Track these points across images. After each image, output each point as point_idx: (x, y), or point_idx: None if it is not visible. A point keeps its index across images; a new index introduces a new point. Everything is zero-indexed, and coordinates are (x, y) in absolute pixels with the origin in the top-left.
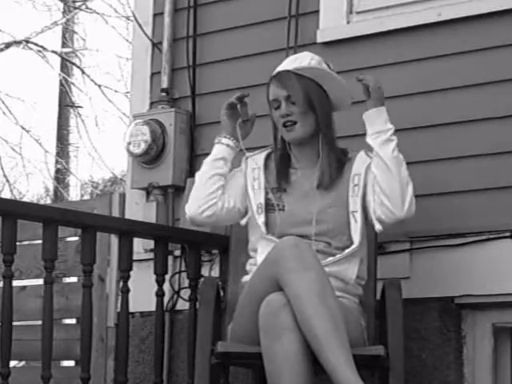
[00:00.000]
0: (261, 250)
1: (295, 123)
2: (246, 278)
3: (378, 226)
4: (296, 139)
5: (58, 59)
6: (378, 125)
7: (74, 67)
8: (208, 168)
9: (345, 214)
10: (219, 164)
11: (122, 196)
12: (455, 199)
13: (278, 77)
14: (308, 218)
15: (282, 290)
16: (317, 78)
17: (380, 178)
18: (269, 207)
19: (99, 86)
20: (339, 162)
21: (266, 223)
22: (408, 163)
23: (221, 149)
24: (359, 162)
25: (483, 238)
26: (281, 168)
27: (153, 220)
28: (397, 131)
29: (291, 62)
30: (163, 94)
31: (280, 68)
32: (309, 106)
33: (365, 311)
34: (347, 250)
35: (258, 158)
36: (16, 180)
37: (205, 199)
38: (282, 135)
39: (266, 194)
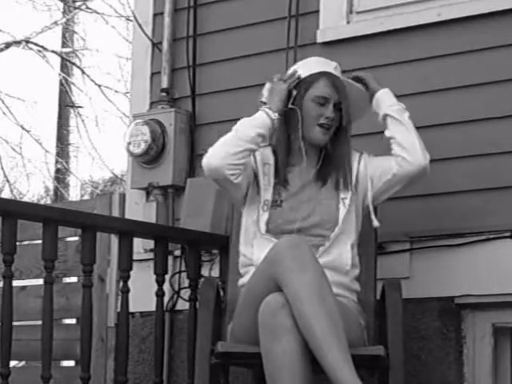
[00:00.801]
0: (256, 245)
1: (330, 128)
2: (243, 281)
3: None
4: (324, 143)
5: (58, 59)
6: (391, 100)
7: (74, 67)
8: (249, 138)
9: (336, 204)
10: (259, 140)
11: (122, 196)
12: (455, 199)
13: (332, 78)
14: (303, 212)
15: (281, 291)
16: (350, 92)
17: (397, 135)
18: (270, 203)
19: (99, 85)
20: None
21: (268, 221)
22: None
23: (267, 123)
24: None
25: (483, 237)
26: (287, 162)
27: (153, 220)
28: None
29: (333, 69)
30: (163, 93)
31: (328, 68)
32: (348, 118)
33: (364, 310)
34: (332, 234)
35: (268, 152)
36: (16, 180)
37: (233, 166)
38: (311, 132)
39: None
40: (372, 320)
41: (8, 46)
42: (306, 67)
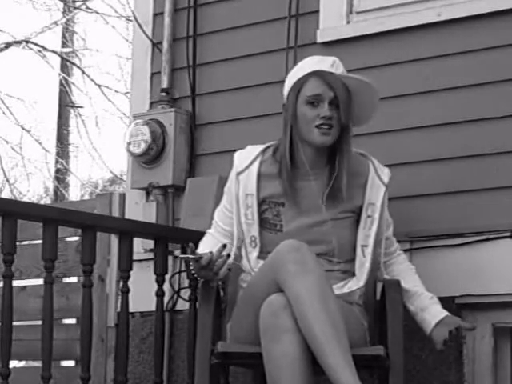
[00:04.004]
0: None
1: (331, 128)
2: (243, 280)
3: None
4: (328, 144)
5: (58, 59)
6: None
7: (74, 67)
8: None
9: (350, 236)
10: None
11: (122, 196)
12: (455, 199)
13: (322, 75)
14: (309, 238)
15: (282, 291)
16: (351, 87)
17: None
18: (266, 225)
19: (99, 85)
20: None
21: (260, 249)
22: (408, 163)
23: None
24: (372, 186)
25: (483, 237)
26: (290, 181)
27: (153, 220)
28: (396, 131)
29: (329, 66)
30: (163, 93)
31: (319, 67)
32: (347, 116)
33: (367, 312)
34: (350, 289)
35: (250, 176)
36: (16, 180)
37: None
38: (311, 137)
39: (263, 212)
40: (372, 320)
41: (8, 45)
42: (292, 77)
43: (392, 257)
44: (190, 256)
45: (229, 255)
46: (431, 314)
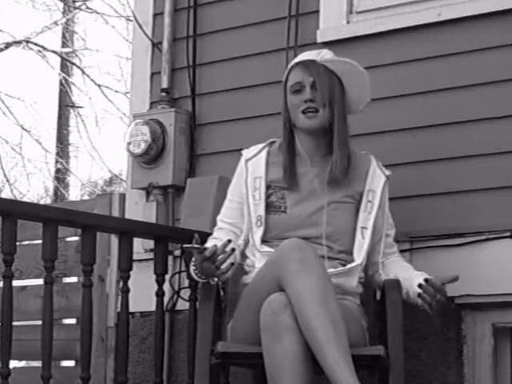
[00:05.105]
0: (258, 259)
1: (317, 111)
2: (246, 279)
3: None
4: (314, 128)
5: (58, 59)
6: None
7: (74, 67)
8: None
9: (350, 220)
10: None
11: (122, 196)
12: (455, 199)
13: (303, 64)
14: (312, 220)
15: (283, 291)
16: (340, 73)
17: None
18: (271, 208)
19: (99, 85)
20: (349, 162)
21: (265, 231)
22: (408, 163)
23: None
24: (373, 176)
25: (483, 237)
26: (288, 165)
27: (153, 220)
28: (396, 131)
29: (315, 55)
30: (163, 93)
31: (304, 57)
32: (331, 98)
33: (365, 311)
34: (349, 266)
35: (259, 161)
36: (16, 180)
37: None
38: (298, 123)
39: (268, 196)
40: (372, 320)
41: (8, 45)
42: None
43: (390, 257)
44: (195, 245)
45: (233, 249)
46: (414, 286)
